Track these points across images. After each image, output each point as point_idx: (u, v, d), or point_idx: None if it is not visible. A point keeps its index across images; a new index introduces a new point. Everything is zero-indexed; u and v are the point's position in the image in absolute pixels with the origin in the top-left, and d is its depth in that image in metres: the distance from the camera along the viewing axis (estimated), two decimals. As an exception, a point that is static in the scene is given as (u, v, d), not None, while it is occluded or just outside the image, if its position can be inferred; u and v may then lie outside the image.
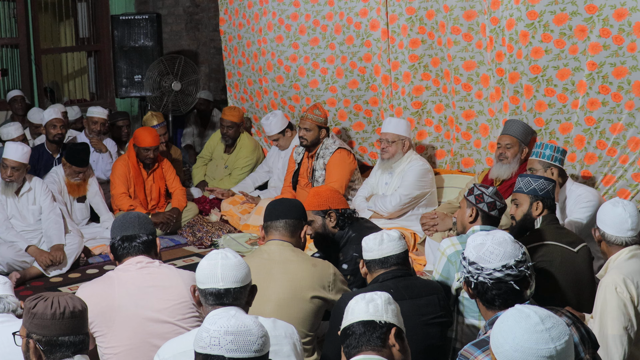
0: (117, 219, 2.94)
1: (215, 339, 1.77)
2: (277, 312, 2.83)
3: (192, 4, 8.62)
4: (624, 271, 2.88)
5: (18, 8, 7.48)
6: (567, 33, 4.36)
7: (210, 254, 2.36)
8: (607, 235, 3.00)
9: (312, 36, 5.91)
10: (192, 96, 7.01)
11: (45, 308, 2.06)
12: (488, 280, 2.26)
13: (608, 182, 4.53)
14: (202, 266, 2.33)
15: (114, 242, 2.85)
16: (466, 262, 2.32)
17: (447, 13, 4.99)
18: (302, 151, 5.74)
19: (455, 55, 5.06)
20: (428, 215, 4.68)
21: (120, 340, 2.67)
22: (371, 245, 2.88)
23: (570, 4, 4.31)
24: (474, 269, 2.28)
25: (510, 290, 2.28)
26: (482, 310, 2.37)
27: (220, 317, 1.82)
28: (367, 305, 2.10)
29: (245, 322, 1.81)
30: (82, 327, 2.11)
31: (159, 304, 2.75)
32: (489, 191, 3.28)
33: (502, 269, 2.27)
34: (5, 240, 4.93)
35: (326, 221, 3.66)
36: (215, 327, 1.79)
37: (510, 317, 1.76)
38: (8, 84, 7.70)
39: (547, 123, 4.64)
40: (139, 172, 5.84)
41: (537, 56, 4.49)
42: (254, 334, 1.80)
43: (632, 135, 4.35)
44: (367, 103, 5.83)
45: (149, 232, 2.87)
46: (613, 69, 4.26)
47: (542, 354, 1.68)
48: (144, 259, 2.83)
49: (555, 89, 4.53)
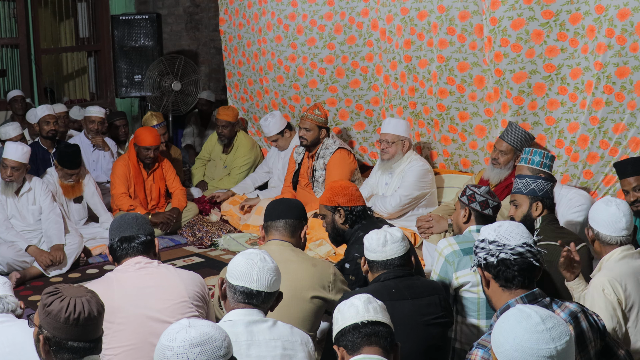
0: (115, 220, 2.93)
1: (182, 355, 1.71)
2: (277, 312, 2.82)
3: (192, 4, 8.61)
4: (613, 273, 2.88)
5: (18, 8, 7.48)
6: (580, 32, 4.37)
7: (249, 252, 2.39)
8: (601, 234, 2.99)
9: (310, 36, 5.91)
10: (192, 96, 7.01)
11: (60, 310, 2.01)
12: (510, 255, 2.28)
13: (609, 182, 4.53)
14: (239, 263, 2.36)
15: (113, 244, 2.84)
16: (485, 242, 2.33)
17: (443, 14, 4.98)
18: (302, 151, 5.74)
19: (450, 56, 5.05)
20: (423, 218, 4.67)
21: (120, 341, 2.67)
22: (374, 246, 2.86)
23: (584, 3, 4.32)
24: (495, 247, 2.30)
25: (530, 268, 2.30)
26: (495, 296, 2.35)
27: (176, 331, 1.76)
28: (349, 310, 2.14)
29: (205, 330, 1.76)
30: (95, 332, 2.07)
31: (158, 304, 2.75)
32: (481, 190, 3.29)
33: (524, 245, 2.30)
34: (5, 240, 4.93)
35: (335, 217, 3.61)
36: (178, 343, 1.73)
37: (511, 316, 1.76)
38: (8, 84, 7.70)
39: (558, 122, 4.64)
40: (139, 171, 5.85)
41: (552, 54, 4.49)
42: (217, 338, 1.76)
43: (633, 136, 4.35)
44: (368, 103, 5.83)
45: (147, 233, 2.86)
46: (616, 69, 4.26)
47: (542, 354, 1.68)
48: (142, 259, 2.82)
49: (567, 88, 4.53)
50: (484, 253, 2.33)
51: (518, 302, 2.25)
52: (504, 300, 2.31)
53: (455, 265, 3.10)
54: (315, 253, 4.90)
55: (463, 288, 3.10)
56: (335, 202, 3.60)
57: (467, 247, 3.13)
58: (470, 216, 3.29)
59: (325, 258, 4.81)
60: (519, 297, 2.28)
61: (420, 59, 5.24)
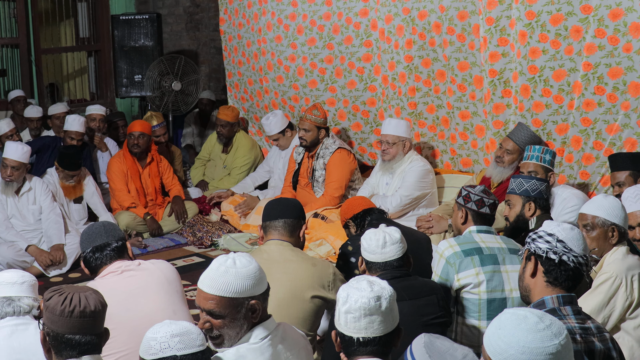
0: (83, 232, 2.92)
1: (164, 343, 2.00)
2: (277, 312, 2.83)
3: (192, 4, 8.62)
4: (626, 265, 2.93)
5: (18, 8, 7.48)
6: (563, 34, 4.36)
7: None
8: (620, 227, 3.02)
9: (310, 36, 5.91)
10: (193, 96, 7.02)
11: (56, 303, 2.04)
12: (572, 261, 2.27)
13: (606, 183, 4.54)
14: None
15: (86, 255, 2.84)
16: (553, 238, 2.30)
17: (443, 13, 4.99)
18: (302, 151, 5.74)
19: (450, 56, 5.06)
20: (423, 218, 4.68)
21: (116, 347, 2.66)
22: (373, 247, 2.85)
23: (565, 4, 4.31)
24: (562, 247, 2.28)
25: (579, 277, 2.30)
26: (536, 288, 2.32)
27: (159, 326, 2.04)
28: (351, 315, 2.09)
29: (183, 325, 2.05)
30: (92, 328, 2.08)
31: (149, 304, 2.76)
32: (476, 190, 3.29)
33: (585, 257, 2.30)
34: (5, 240, 4.94)
35: (351, 230, 3.71)
36: (160, 334, 2.02)
37: (506, 321, 1.75)
38: (8, 84, 7.71)
39: (545, 124, 4.65)
40: (133, 164, 5.88)
41: (535, 56, 4.50)
42: (193, 332, 2.05)
43: (628, 136, 4.36)
44: (364, 104, 5.84)
45: (118, 238, 2.86)
46: (608, 69, 4.26)
47: (549, 351, 1.69)
48: (121, 263, 2.83)
49: (551, 90, 4.53)
50: (546, 246, 2.30)
51: (554, 300, 2.26)
52: (542, 294, 2.29)
53: (457, 266, 3.10)
54: (315, 253, 4.91)
55: (464, 289, 3.11)
56: (344, 218, 3.73)
57: (468, 249, 3.14)
58: (467, 217, 3.30)
59: (326, 258, 4.82)
60: (557, 295, 2.28)
61: (423, 58, 5.25)
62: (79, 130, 5.82)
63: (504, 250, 3.17)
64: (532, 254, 2.34)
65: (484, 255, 3.12)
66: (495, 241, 3.21)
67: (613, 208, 3.01)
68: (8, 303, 2.61)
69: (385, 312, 2.07)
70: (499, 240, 3.22)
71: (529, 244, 2.36)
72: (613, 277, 2.88)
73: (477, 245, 3.15)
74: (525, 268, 2.36)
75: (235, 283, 2.15)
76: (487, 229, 3.25)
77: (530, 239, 2.36)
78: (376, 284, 2.12)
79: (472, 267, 3.09)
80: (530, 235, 2.37)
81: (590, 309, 2.87)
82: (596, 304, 2.89)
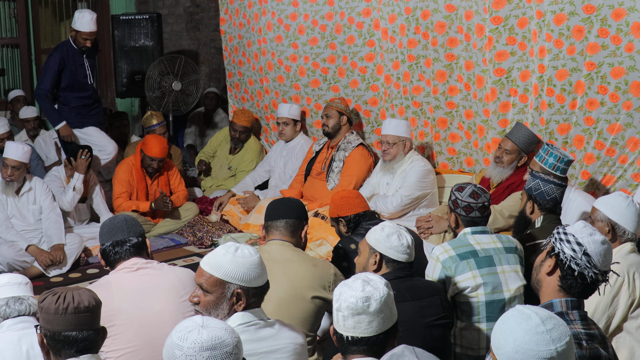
0: (104, 224, 2.91)
1: (191, 357, 1.68)
2: (278, 312, 2.83)
3: (192, 4, 8.61)
4: (628, 262, 2.94)
5: (18, 8, 7.48)
6: (565, 33, 4.37)
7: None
8: (619, 227, 3.01)
9: (311, 36, 5.91)
10: (193, 96, 7.02)
11: (50, 303, 2.05)
12: (591, 277, 2.21)
13: (608, 182, 4.53)
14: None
15: (105, 248, 2.83)
16: (580, 248, 2.21)
17: (453, 13, 4.99)
18: (323, 143, 5.77)
19: (459, 55, 5.06)
20: (423, 219, 4.68)
21: (122, 344, 2.66)
22: (405, 247, 2.85)
23: (568, 4, 4.31)
24: (586, 261, 2.20)
25: (593, 290, 2.25)
26: (547, 288, 2.28)
27: (189, 330, 1.73)
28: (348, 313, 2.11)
29: (217, 334, 1.72)
30: (88, 324, 2.08)
31: (159, 304, 2.75)
32: (463, 194, 3.24)
33: (605, 274, 2.24)
34: (6, 240, 4.93)
35: (340, 227, 3.70)
36: (188, 343, 1.69)
37: (511, 317, 1.76)
38: (8, 84, 7.70)
39: (547, 123, 4.65)
40: (142, 177, 5.83)
41: (542, 55, 4.50)
42: (228, 343, 1.72)
43: (630, 136, 4.35)
44: (366, 103, 5.84)
45: (138, 235, 2.86)
46: (611, 69, 4.26)
47: (543, 356, 1.68)
48: (138, 260, 2.82)
49: (554, 89, 4.53)
50: (571, 254, 2.21)
51: (562, 304, 2.22)
52: (551, 297, 2.25)
53: (453, 270, 3.09)
54: (316, 253, 4.90)
55: (462, 292, 3.10)
56: (336, 213, 3.70)
57: (463, 252, 3.12)
58: (458, 220, 3.28)
59: (326, 258, 4.81)
60: (565, 299, 2.23)
61: (426, 57, 5.25)
62: (92, 29, 5.56)
63: (499, 250, 3.16)
64: (555, 253, 2.26)
65: (479, 257, 3.11)
66: (491, 241, 3.20)
67: (619, 207, 3.01)
68: (20, 302, 2.68)
69: (374, 313, 2.06)
70: (494, 240, 3.21)
71: (556, 240, 2.27)
72: (615, 275, 2.88)
73: (472, 248, 3.14)
74: (543, 262, 2.30)
75: (227, 266, 2.26)
76: (482, 229, 3.23)
77: (559, 235, 2.27)
78: (370, 284, 2.11)
79: (468, 271, 3.08)
80: (560, 231, 2.28)
81: (593, 308, 2.87)
82: (600, 303, 2.89)
